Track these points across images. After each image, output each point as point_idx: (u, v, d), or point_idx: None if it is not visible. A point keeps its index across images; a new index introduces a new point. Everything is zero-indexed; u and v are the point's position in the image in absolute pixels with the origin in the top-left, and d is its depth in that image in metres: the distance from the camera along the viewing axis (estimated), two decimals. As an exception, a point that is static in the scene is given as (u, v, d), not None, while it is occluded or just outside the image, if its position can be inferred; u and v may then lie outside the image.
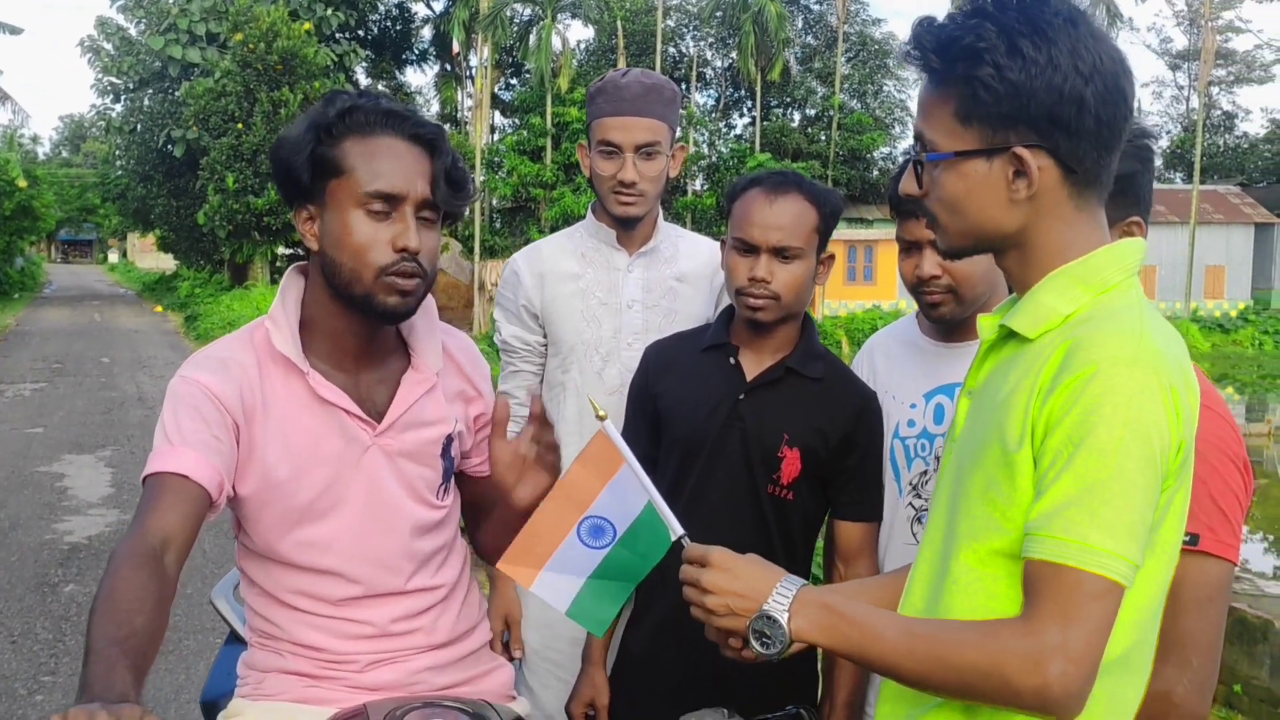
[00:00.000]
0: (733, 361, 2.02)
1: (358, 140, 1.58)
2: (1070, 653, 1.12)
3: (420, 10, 37.32)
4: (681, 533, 1.45)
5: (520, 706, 1.79)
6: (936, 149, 1.28)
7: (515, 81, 38.59)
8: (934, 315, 1.99)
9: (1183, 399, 1.19)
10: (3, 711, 4.22)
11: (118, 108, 32.13)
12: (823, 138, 35.64)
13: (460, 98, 39.44)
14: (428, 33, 38.03)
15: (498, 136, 35.75)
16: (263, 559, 1.67)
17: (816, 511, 2.05)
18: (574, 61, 32.88)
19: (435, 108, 40.91)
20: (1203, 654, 1.42)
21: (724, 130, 39.43)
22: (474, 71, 35.35)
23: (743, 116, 40.72)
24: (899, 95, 37.25)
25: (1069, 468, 1.15)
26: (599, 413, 1.52)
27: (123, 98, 31.49)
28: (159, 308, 31.15)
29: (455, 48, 35.22)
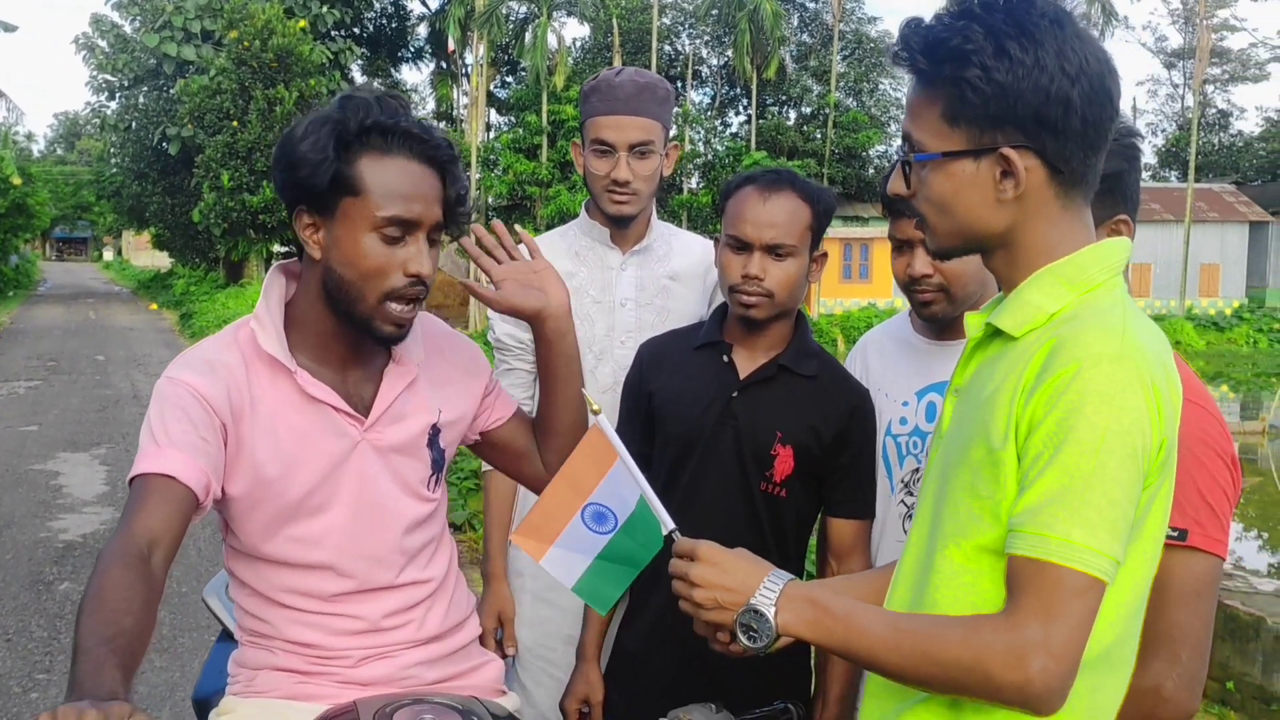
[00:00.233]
0: (726, 359, 2.03)
1: (375, 159, 1.56)
2: (1052, 648, 1.13)
3: (416, 8, 37.24)
4: (672, 527, 1.46)
5: (510, 702, 1.80)
6: (924, 149, 1.29)
7: (511, 79, 38.57)
8: (925, 314, 2.00)
9: (1165, 396, 1.20)
10: (-3, 709, 4.22)
11: (113, 105, 32.08)
12: (818, 136, 35.64)
13: (456, 95, 39.41)
14: (423, 30, 37.99)
15: (493, 134, 35.70)
16: (252, 559, 1.67)
17: (809, 509, 2.05)
18: (570, 59, 32.87)
19: (431, 105, 40.89)
20: (1192, 649, 1.43)
21: (720, 128, 39.43)
22: (469, 69, 35.32)
23: (738, 114, 40.73)
24: (895, 93, 37.26)
25: (1052, 465, 1.16)
26: (593, 407, 1.54)
27: (118, 95, 31.44)
28: (154, 305, 31.10)
29: (451, 45, 35.19)
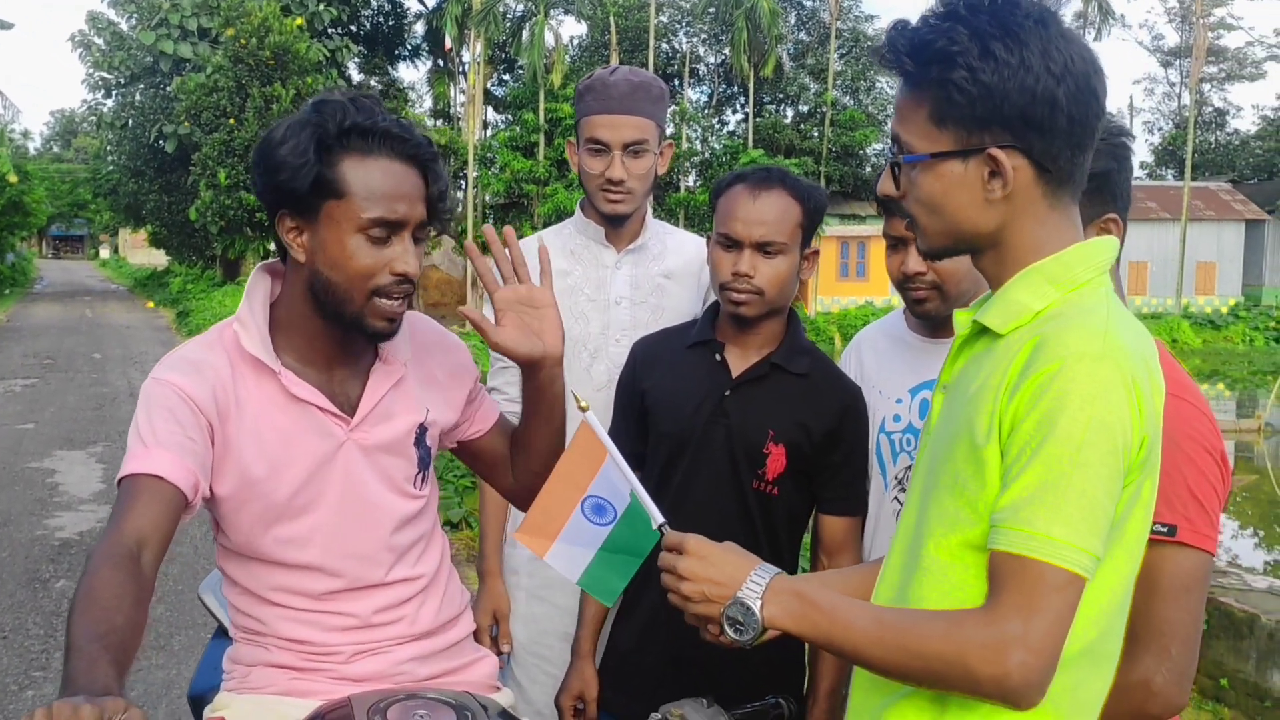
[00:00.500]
0: (718, 358, 2.04)
1: (357, 161, 1.56)
2: (1030, 643, 1.14)
3: (413, 6, 37.18)
4: (662, 521, 1.47)
5: (504, 698, 1.80)
6: (913, 151, 1.30)
7: (508, 77, 38.55)
8: (919, 311, 2.01)
9: (1146, 395, 1.21)
10: (-6, 707, 4.23)
11: (109, 103, 32.03)
12: (815, 134, 35.64)
13: (453, 93, 39.38)
14: (420, 28, 37.94)
15: (490, 132, 35.70)
16: (243, 558, 1.68)
17: (802, 506, 2.06)
18: (567, 57, 32.86)
19: (428, 103, 40.88)
20: (1181, 643, 1.44)
21: (717, 126, 39.45)
22: (467, 67, 35.29)
23: (735, 113, 40.74)
24: (892, 92, 36.92)
25: (1033, 462, 1.17)
26: (580, 404, 1.55)
27: (114, 93, 31.39)
28: (151, 303, 31.07)
29: (448, 43, 35.12)
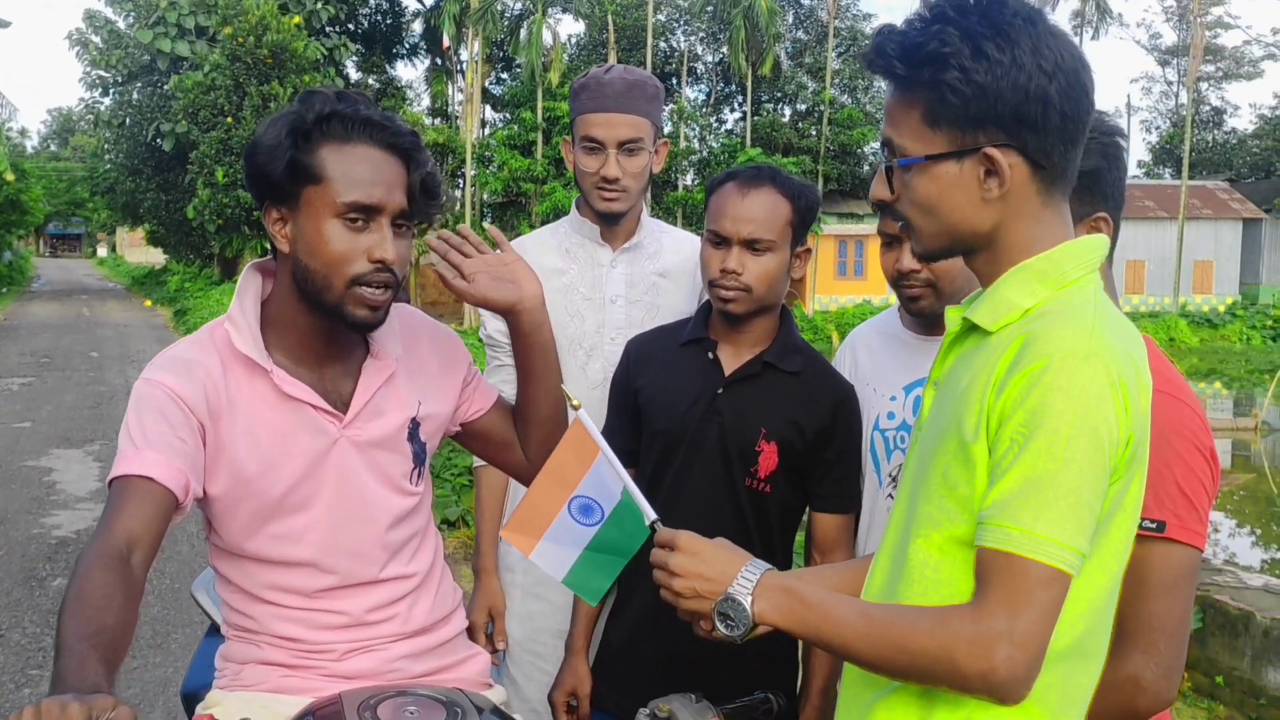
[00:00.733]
0: (711, 356, 2.04)
1: (335, 148, 1.57)
2: (1016, 639, 1.15)
3: (411, 4, 37.16)
4: (654, 518, 1.48)
5: (496, 695, 1.81)
6: (906, 154, 1.30)
7: (506, 76, 38.56)
8: (914, 309, 2.01)
9: (1133, 393, 1.21)
10: (-10, 705, 4.23)
11: (106, 101, 32.00)
12: (813, 133, 35.66)
13: (451, 92, 39.37)
14: (418, 27, 37.92)
15: (488, 131, 35.70)
16: (235, 556, 1.68)
17: (795, 504, 2.07)
18: (565, 56, 32.85)
19: (426, 102, 40.88)
20: (1169, 639, 1.44)
21: (715, 125, 39.47)
22: (465, 66, 35.26)
23: (734, 111, 40.76)
24: (890, 90, 37.22)
25: (1020, 459, 1.18)
26: (573, 402, 1.56)
27: (111, 91, 31.35)
28: (148, 302, 31.06)
29: (446, 42, 35.13)
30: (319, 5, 29.62)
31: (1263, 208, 35.42)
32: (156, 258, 48.36)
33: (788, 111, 38.85)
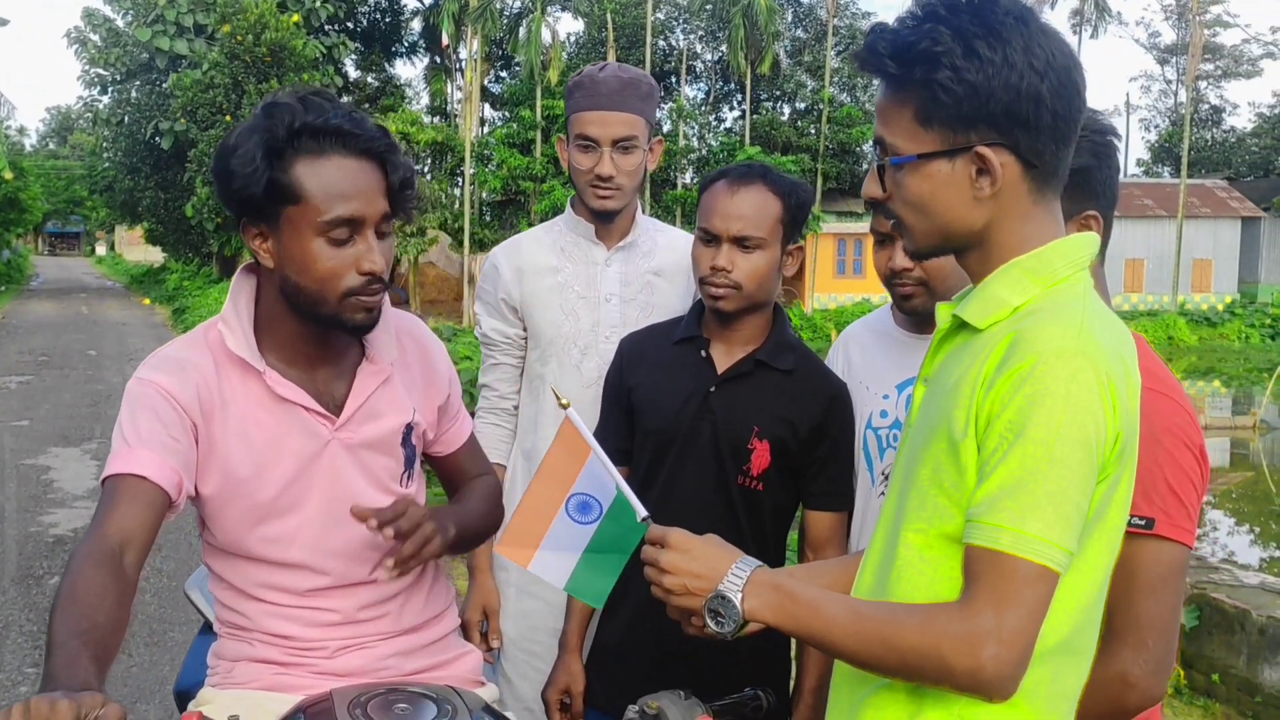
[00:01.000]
0: (704, 354, 2.05)
1: (310, 163, 1.53)
2: (1003, 636, 1.15)
3: (410, 2, 37.16)
4: (645, 514, 1.48)
5: (488, 693, 1.81)
6: (898, 152, 1.30)
7: (505, 74, 38.54)
8: (906, 307, 2.01)
9: (1121, 392, 1.21)
10: (-13, 703, 4.23)
11: (105, 99, 31.99)
12: (812, 131, 35.65)
13: (450, 90, 39.37)
14: (417, 25, 37.96)
15: (487, 129, 35.69)
16: (228, 555, 1.69)
17: (787, 502, 2.07)
18: (564, 55, 32.83)
19: (425, 100, 40.86)
20: (1158, 635, 1.45)
21: (714, 123, 39.46)
22: (463, 64, 35.26)
23: (733, 110, 40.76)
24: (889, 89, 37.18)
25: (1008, 457, 1.18)
26: (562, 401, 1.56)
27: (110, 89, 31.34)
28: (147, 300, 31.05)
29: (445, 40, 35.10)
30: (318, 3, 29.60)
31: (1261, 206, 35.41)
32: (155, 256, 48.38)
33: (787, 110, 38.86)
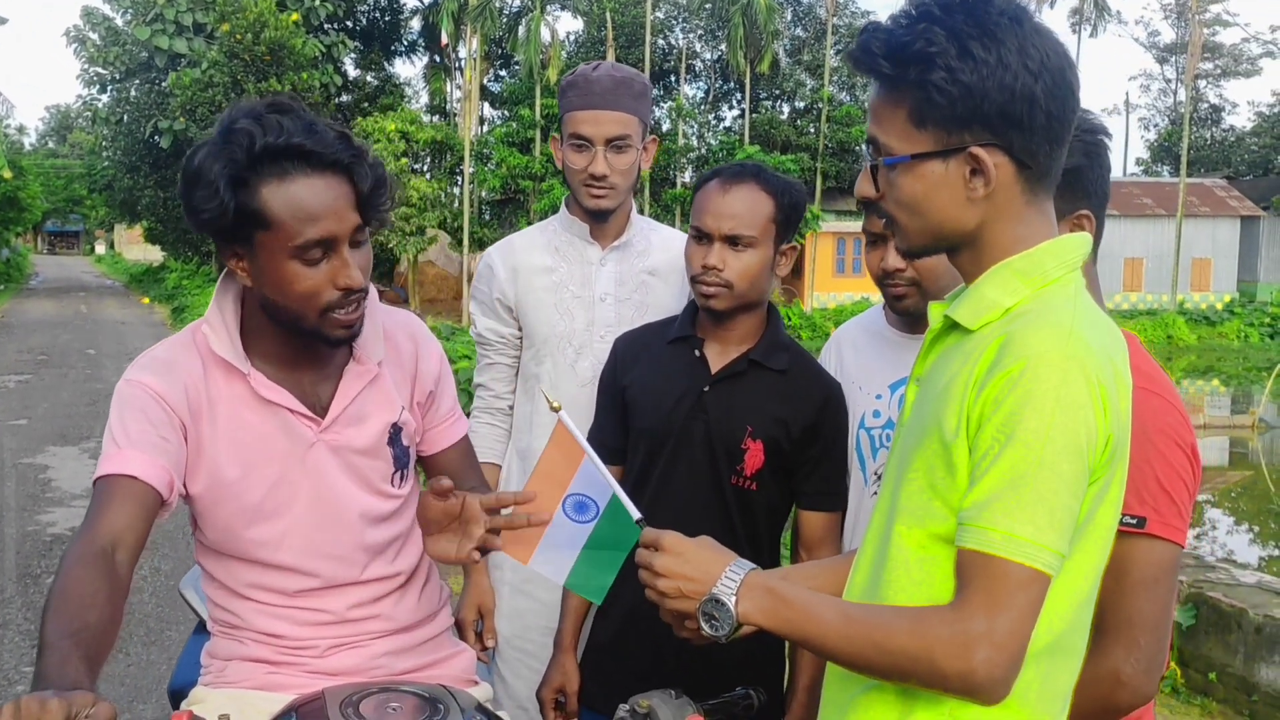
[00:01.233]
0: (698, 354, 2.05)
1: (275, 186, 1.50)
2: (995, 639, 1.15)
3: (409, 1, 37.13)
4: (639, 517, 1.48)
5: (481, 692, 1.81)
6: (892, 153, 1.30)
7: (504, 73, 38.54)
8: (899, 308, 2.01)
9: (1111, 394, 1.21)
10: (-17, 702, 4.23)
11: (104, 98, 31.96)
12: (812, 130, 35.67)
13: (449, 89, 39.37)
14: (417, 24, 37.91)
15: (487, 128, 35.69)
16: (220, 554, 1.69)
17: (781, 502, 2.07)
18: (563, 53, 32.84)
19: (424, 99, 40.84)
20: (1150, 634, 1.45)
21: (713, 122, 39.47)
22: (463, 63, 35.25)
23: (732, 109, 40.77)
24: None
25: (999, 460, 1.18)
26: (553, 405, 1.55)
27: (109, 88, 31.32)
28: (146, 299, 31.05)
29: (444, 39, 35.10)
30: (317, 2, 29.55)
31: (1261, 205, 35.40)
32: (155, 255, 48.37)
33: (786, 109, 38.86)
